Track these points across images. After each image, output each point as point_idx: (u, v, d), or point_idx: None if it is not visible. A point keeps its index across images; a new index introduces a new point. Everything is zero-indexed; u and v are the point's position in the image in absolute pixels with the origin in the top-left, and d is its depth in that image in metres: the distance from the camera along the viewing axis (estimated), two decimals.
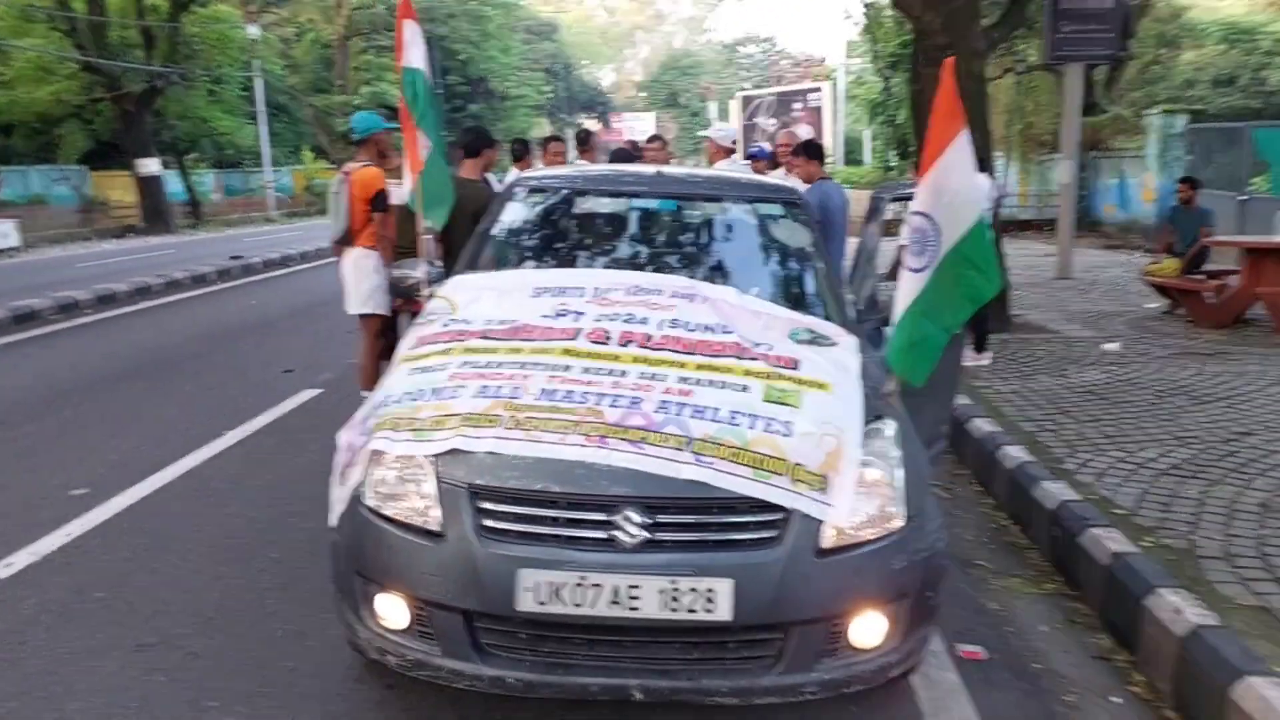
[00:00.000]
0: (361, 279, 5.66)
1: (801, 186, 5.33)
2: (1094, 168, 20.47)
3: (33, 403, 7.03)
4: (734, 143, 8.28)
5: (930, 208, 2.91)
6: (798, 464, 2.61)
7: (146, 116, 27.02)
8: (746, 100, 50.26)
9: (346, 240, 5.73)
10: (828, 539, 2.59)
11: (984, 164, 8.25)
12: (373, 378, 5.33)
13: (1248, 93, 23.15)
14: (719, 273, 3.79)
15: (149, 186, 27.10)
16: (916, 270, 2.95)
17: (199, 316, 11.29)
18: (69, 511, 4.73)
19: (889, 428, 2.90)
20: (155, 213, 27.21)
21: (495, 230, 4.05)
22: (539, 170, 4.81)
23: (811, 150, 6.67)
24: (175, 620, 3.59)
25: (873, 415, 2.90)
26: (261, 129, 32.42)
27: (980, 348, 7.66)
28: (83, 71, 26.23)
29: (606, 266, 3.79)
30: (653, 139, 9.26)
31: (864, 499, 2.67)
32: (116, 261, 17.81)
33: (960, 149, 2.83)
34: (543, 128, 54.85)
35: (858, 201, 8.81)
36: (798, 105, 46.65)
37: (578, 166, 4.70)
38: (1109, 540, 3.89)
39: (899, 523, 2.70)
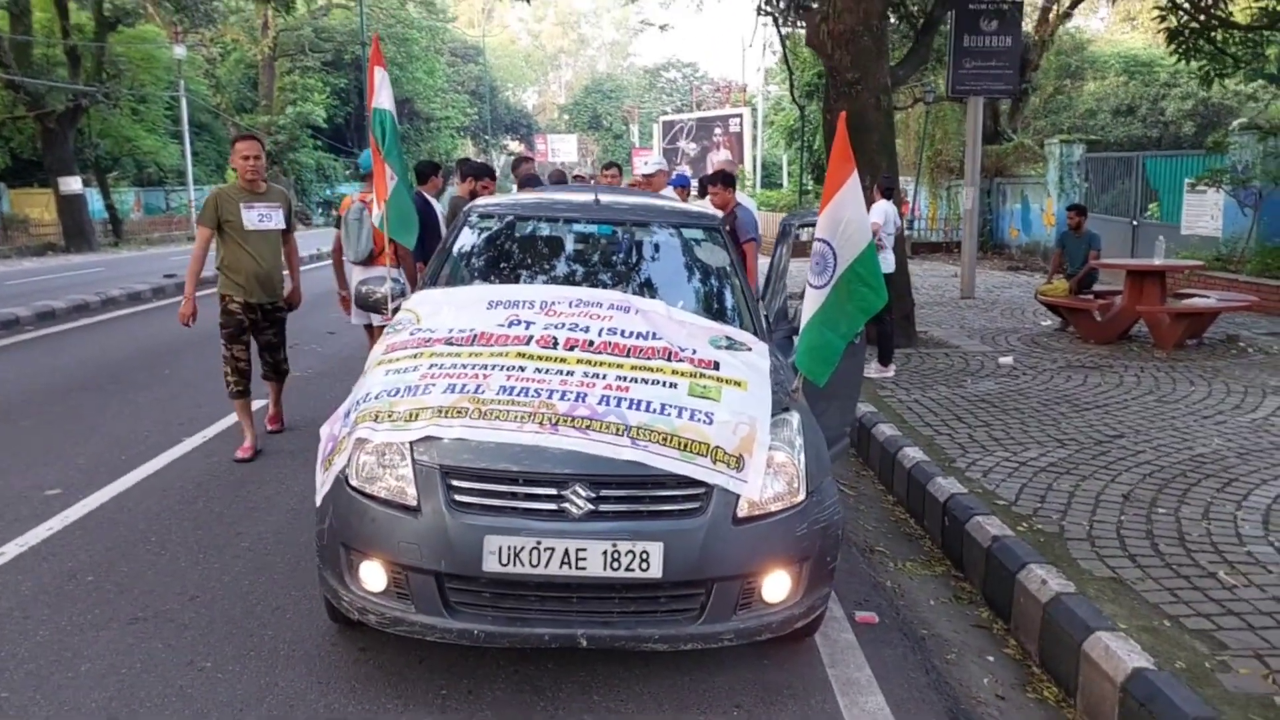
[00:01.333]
0: None
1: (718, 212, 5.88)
2: (999, 193, 21.53)
3: None
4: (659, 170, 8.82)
5: (829, 234, 3.49)
6: (718, 447, 3.13)
7: (69, 135, 26.64)
8: (668, 125, 51.16)
9: (369, 260, 6.63)
10: (742, 509, 3.11)
11: (891, 191, 8.94)
12: None
13: (1147, 122, 24.54)
14: (649, 288, 4.33)
15: (70, 205, 26.66)
16: (818, 287, 3.53)
17: (140, 332, 11.45)
18: (46, 509, 5.04)
19: (794, 419, 3.44)
20: (77, 231, 26.77)
21: (454, 250, 4.55)
22: (492, 198, 5.28)
23: (727, 180, 7.26)
24: (162, 598, 3.96)
25: (780, 408, 3.44)
26: (186, 148, 32.17)
27: (885, 361, 8.31)
28: (4, 89, 25.82)
29: (552, 283, 4.30)
30: (609, 166, 10.24)
31: (772, 477, 3.19)
32: (44, 279, 17.63)
33: (852, 187, 3.43)
34: (467, 148, 55.06)
35: (772, 223, 9.34)
36: (718, 130, 47.69)
37: (519, 195, 5.17)
38: (989, 526, 4.44)
39: (801, 497, 3.23)
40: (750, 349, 3.83)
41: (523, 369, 3.37)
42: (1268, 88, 22.12)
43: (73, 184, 26.54)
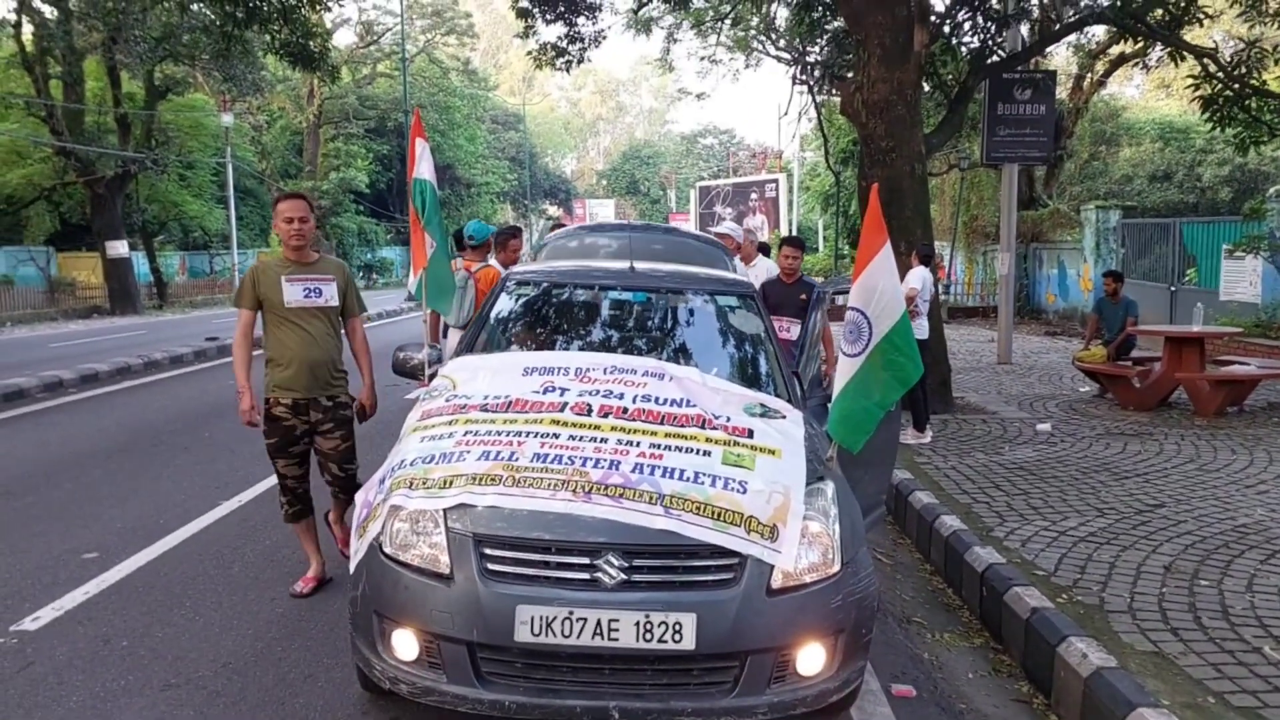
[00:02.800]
0: None
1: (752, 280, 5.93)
2: (1035, 258, 21.46)
3: (33, 475, 7.35)
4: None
5: (863, 303, 3.52)
6: (752, 516, 3.11)
7: (118, 200, 27.39)
8: (704, 190, 51.68)
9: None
10: (777, 580, 3.08)
11: (928, 258, 8.95)
12: None
13: (1183, 188, 24.40)
14: (683, 355, 4.37)
15: (117, 268, 27.31)
16: (852, 355, 3.54)
17: (181, 395, 11.65)
18: (83, 573, 5.10)
19: (829, 488, 3.42)
20: (122, 294, 27.38)
21: (491, 317, 4.62)
22: (528, 266, 5.37)
23: (800, 244, 7.36)
24: (195, 665, 3.97)
25: (815, 477, 3.43)
26: (231, 213, 32.98)
27: (920, 427, 8.24)
28: (56, 155, 26.68)
29: (587, 350, 4.35)
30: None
31: (807, 547, 3.17)
32: (90, 342, 18.03)
33: (884, 257, 3.46)
34: (506, 214, 55.95)
35: None
36: (754, 195, 48.11)
37: (557, 263, 5.23)
38: (1029, 597, 4.35)
39: (836, 568, 3.20)
40: (784, 416, 3.84)
41: (557, 436, 3.39)
42: None
43: (120, 248, 27.21)
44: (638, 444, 3.37)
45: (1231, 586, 4.60)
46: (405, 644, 3.09)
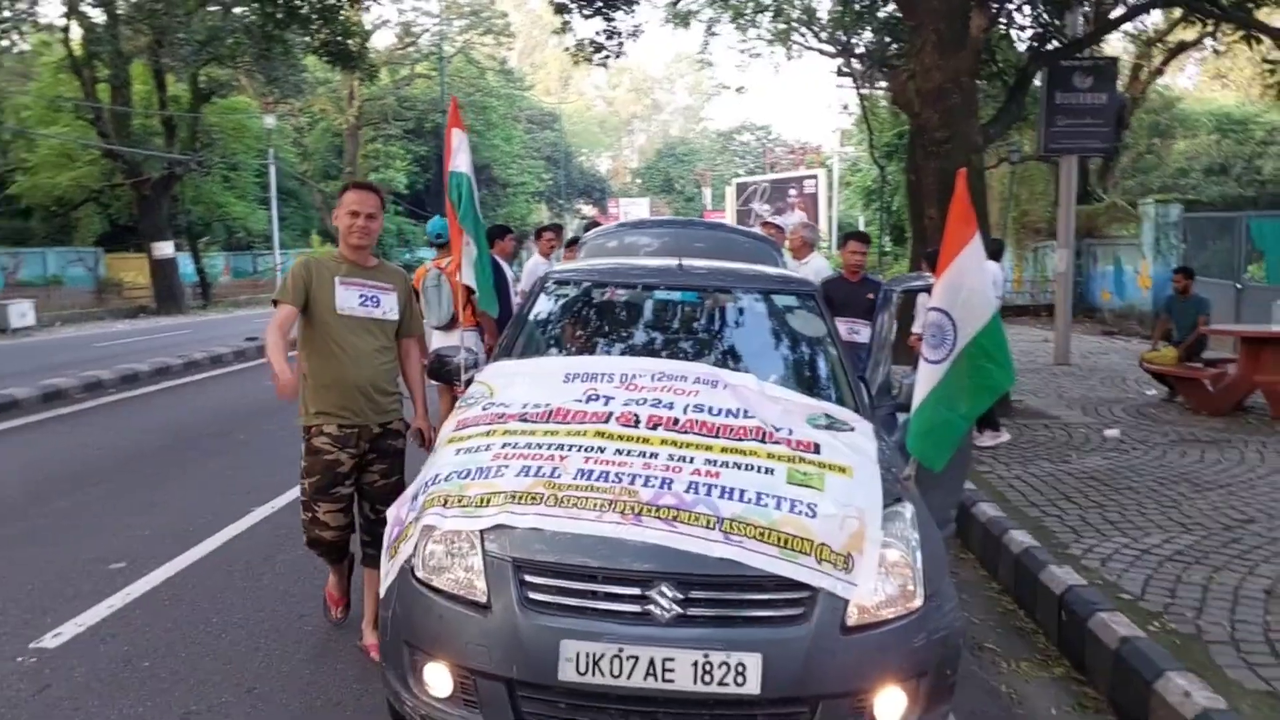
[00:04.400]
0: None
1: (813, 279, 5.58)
2: (1089, 255, 20.81)
3: (65, 479, 7.19)
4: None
5: (947, 304, 3.14)
6: (823, 544, 2.77)
7: (163, 201, 27.64)
8: (741, 187, 51.13)
9: (450, 325, 6.45)
10: (852, 617, 2.74)
11: (995, 255, 8.55)
12: None
13: (1241, 181, 23.63)
14: (738, 360, 4.01)
15: (163, 268, 27.58)
16: (934, 361, 3.17)
17: (219, 396, 11.53)
18: (110, 585, 4.88)
19: (907, 510, 3.07)
20: (168, 294, 27.65)
21: (530, 319, 4.30)
22: (568, 264, 5.09)
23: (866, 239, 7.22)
24: (218, 690, 3.72)
25: (891, 498, 3.07)
26: (273, 214, 33.14)
27: (995, 426, 7.86)
28: (104, 158, 26.96)
29: (632, 354, 4.02)
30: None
31: (885, 579, 2.82)
32: (133, 341, 18.06)
33: (974, 251, 3.09)
34: (541, 213, 55.82)
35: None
36: (793, 192, 47.50)
37: (601, 261, 4.94)
38: (1116, 624, 3.98)
39: (918, 602, 2.84)
40: (853, 428, 3.48)
41: (602, 450, 3.07)
42: None
43: (165, 249, 27.46)
44: (691, 460, 3.03)
45: None
46: (438, 679, 2.79)
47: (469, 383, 3.95)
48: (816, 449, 3.20)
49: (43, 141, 27.53)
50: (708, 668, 2.60)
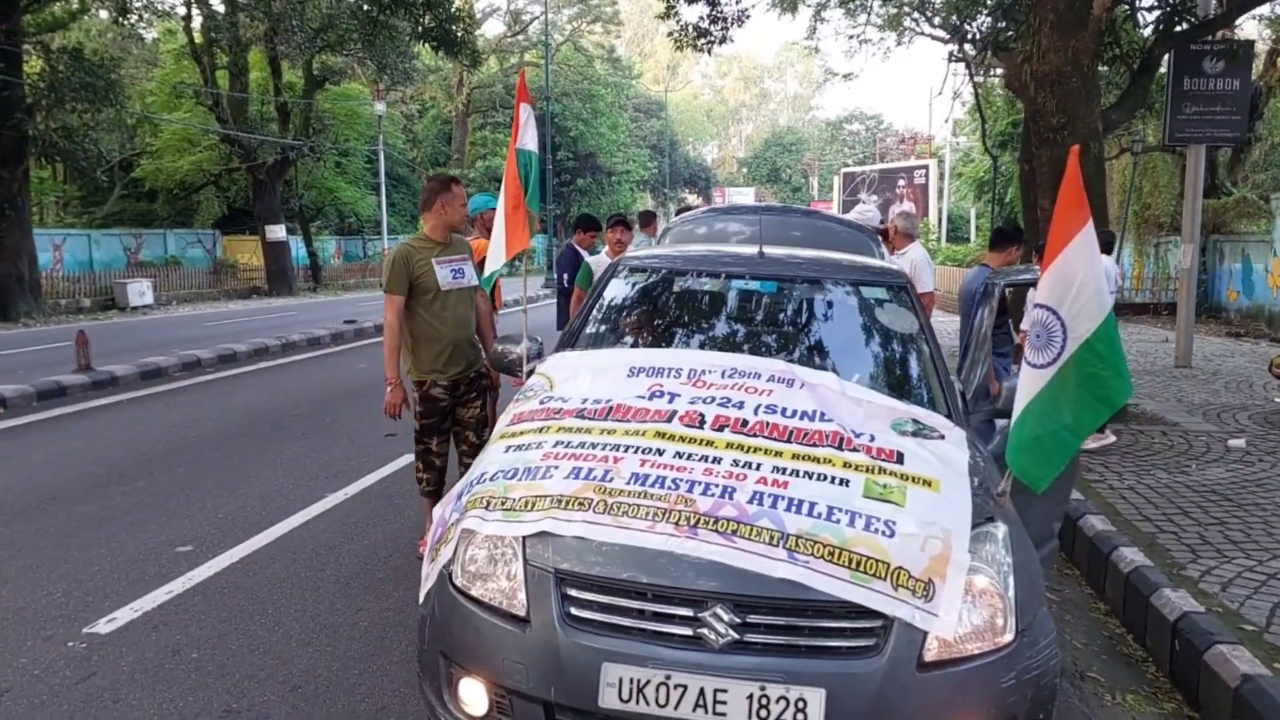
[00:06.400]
0: None
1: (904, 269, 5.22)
2: (1215, 251, 19.67)
3: (150, 457, 7.30)
4: (881, 222, 8.09)
5: (1055, 300, 2.76)
6: (900, 568, 2.48)
7: (277, 185, 28.48)
8: (849, 177, 50.21)
9: None
10: (931, 651, 2.44)
11: (1107, 248, 8.01)
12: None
13: None
14: (819, 357, 3.70)
15: (275, 251, 28.44)
16: (1039, 366, 2.79)
17: (311, 378, 11.65)
18: (173, 569, 4.86)
19: (1000, 531, 2.74)
20: (279, 276, 28.51)
21: (596, 309, 4.07)
22: (642, 250, 4.84)
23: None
24: (263, 687, 3.62)
25: (983, 517, 2.75)
26: (381, 200, 33.83)
27: (1101, 428, 7.35)
28: (222, 143, 27.91)
29: (704, 348, 3.74)
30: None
31: (971, 609, 2.51)
32: (241, 321, 18.58)
33: (1086, 239, 2.70)
34: (646, 201, 55.74)
35: (954, 279, 8.36)
36: (901, 182, 46.39)
37: (675, 247, 4.70)
38: (1238, 660, 3.62)
39: (1009, 636, 2.53)
40: (943, 436, 3.13)
41: (660, 452, 2.82)
42: None
43: (278, 232, 28.31)
44: (757, 467, 2.76)
45: None
46: (474, 695, 2.60)
47: (531, 374, 3.75)
48: (900, 459, 2.89)
49: (166, 126, 28.67)
50: (764, 701, 2.34)
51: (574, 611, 2.50)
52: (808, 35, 22.95)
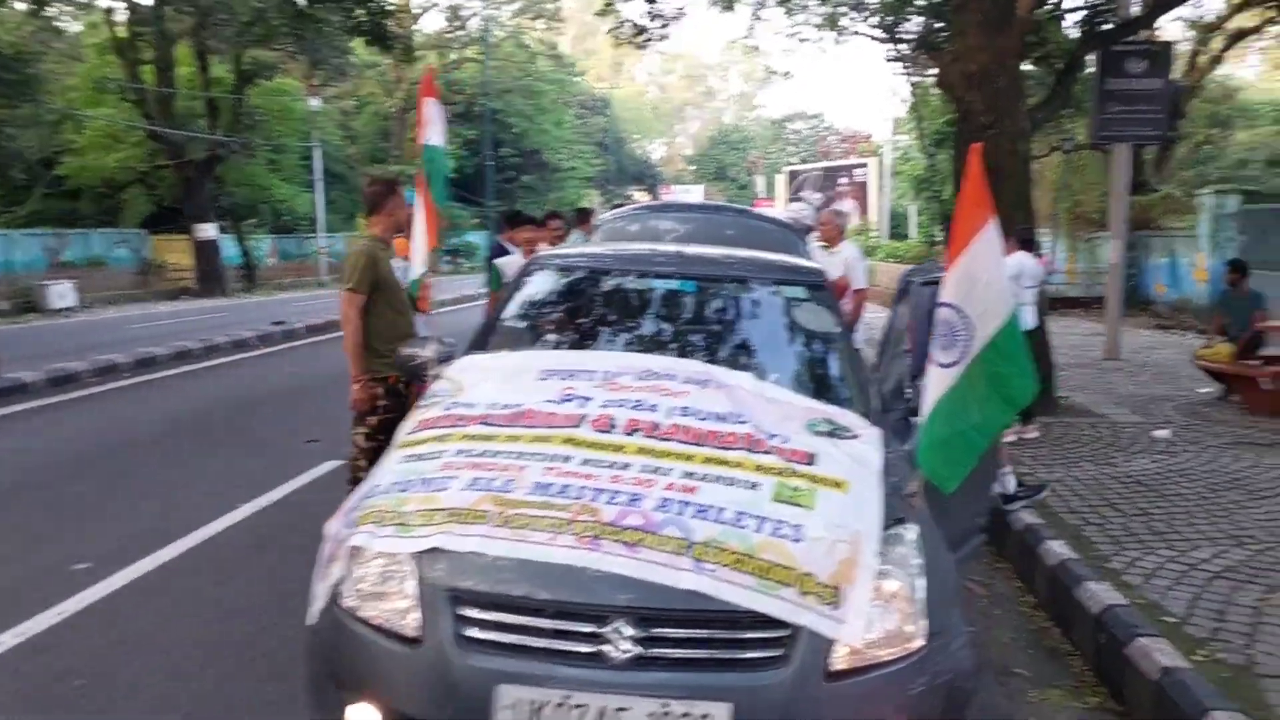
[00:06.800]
0: None
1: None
2: (1144, 246, 20.09)
3: (58, 467, 7.00)
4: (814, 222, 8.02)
5: (960, 298, 2.71)
6: (807, 573, 2.40)
7: (206, 183, 27.79)
8: (792, 175, 50.53)
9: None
10: (839, 659, 2.37)
11: (1029, 243, 8.06)
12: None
13: None
14: (737, 357, 3.61)
15: (205, 250, 27.75)
16: (945, 365, 2.74)
17: (234, 382, 11.29)
18: (67, 588, 4.59)
19: (910, 532, 2.68)
20: (210, 276, 27.82)
21: (509, 309, 3.94)
22: (560, 248, 4.74)
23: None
24: (155, 716, 3.42)
25: (893, 518, 2.69)
26: (318, 197, 33.21)
27: (1026, 419, 7.40)
28: (149, 139, 27.15)
29: (620, 349, 3.64)
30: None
31: (880, 614, 2.44)
32: (168, 324, 18.02)
33: (988, 239, 2.65)
34: (593, 198, 55.56)
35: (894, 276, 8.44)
36: (843, 180, 46.81)
37: (595, 245, 4.61)
38: (1159, 653, 3.63)
39: (920, 641, 2.46)
40: (858, 436, 3.07)
41: (567, 459, 2.71)
42: None
43: (207, 230, 27.63)
44: (667, 472, 2.67)
45: None
46: None
47: (436, 378, 3.61)
48: (811, 460, 2.82)
49: (89, 123, 27.80)
50: (667, 718, 2.25)
51: (469, 632, 2.38)
52: (746, 33, 22.97)
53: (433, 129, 3.95)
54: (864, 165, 46.42)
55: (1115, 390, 10.04)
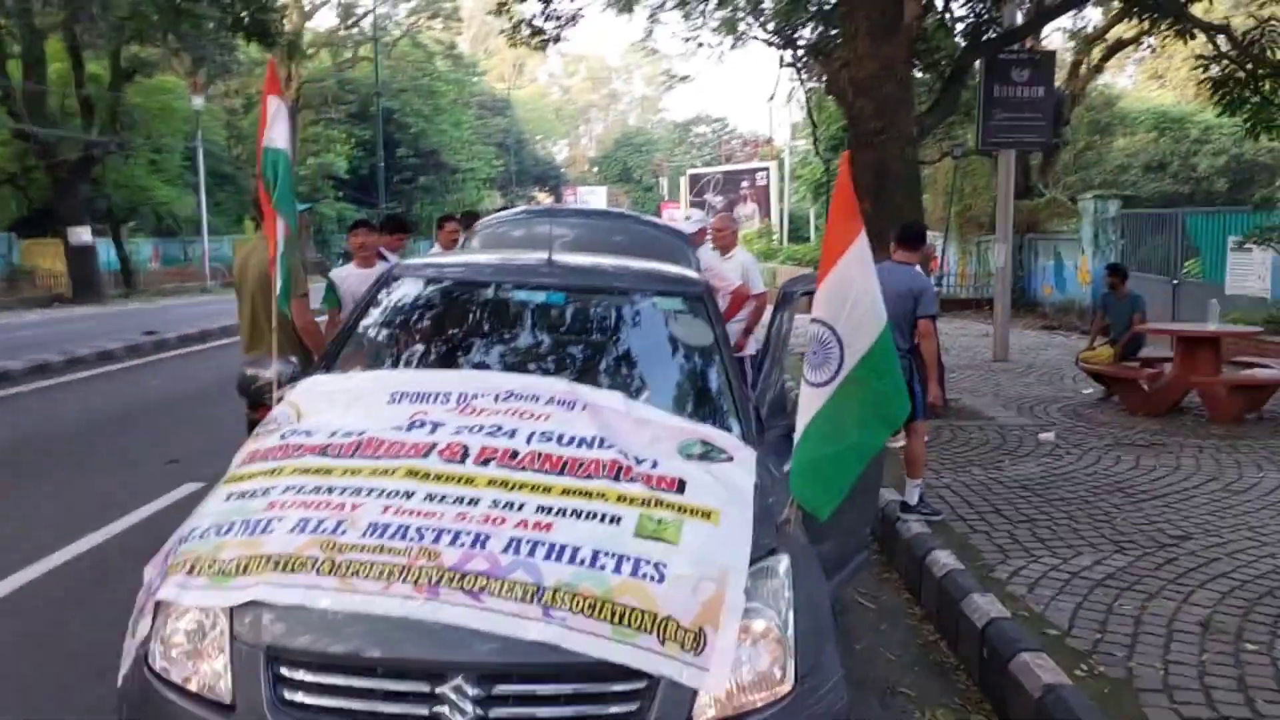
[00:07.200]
0: None
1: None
2: (1031, 249, 20.69)
3: None
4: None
5: (831, 315, 2.55)
6: (668, 617, 2.20)
7: (81, 185, 26.37)
8: (695, 178, 50.86)
9: None
10: (703, 710, 2.18)
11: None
12: None
13: (1178, 178, 23.80)
14: (607, 375, 3.40)
15: (79, 255, 26.31)
16: (817, 384, 2.57)
17: (94, 398, 10.57)
18: None
19: (781, 564, 2.51)
20: (85, 282, 26.38)
21: (362, 324, 3.62)
22: (419, 258, 4.47)
23: None
24: None
25: (764, 549, 2.51)
26: (200, 199, 31.90)
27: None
28: (16, 139, 25.63)
29: (480, 367, 3.38)
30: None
31: (748, 657, 2.27)
32: (31, 333, 16.92)
33: (859, 253, 2.50)
34: (495, 200, 54.88)
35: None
36: (745, 183, 47.30)
37: (457, 253, 4.35)
38: (1040, 669, 3.57)
39: (788, 686, 2.30)
40: (731, 458, 2.89)
41: (409, 495, 2.46)
42: None
43: (82, 234, 26.22)
44: (520, 507, 2.44)
45: None
46: None
47: (279, 402, 3.30)
48: (681, 487, 2.63)
49: None
50: None
51: (289, 695, 2.12)
52: (644, 36, 22.91)
53: (276, 129, 3.63)
54: (765, 169, 47.00)
55: (1003, 392, 10.20)
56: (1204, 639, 3.95)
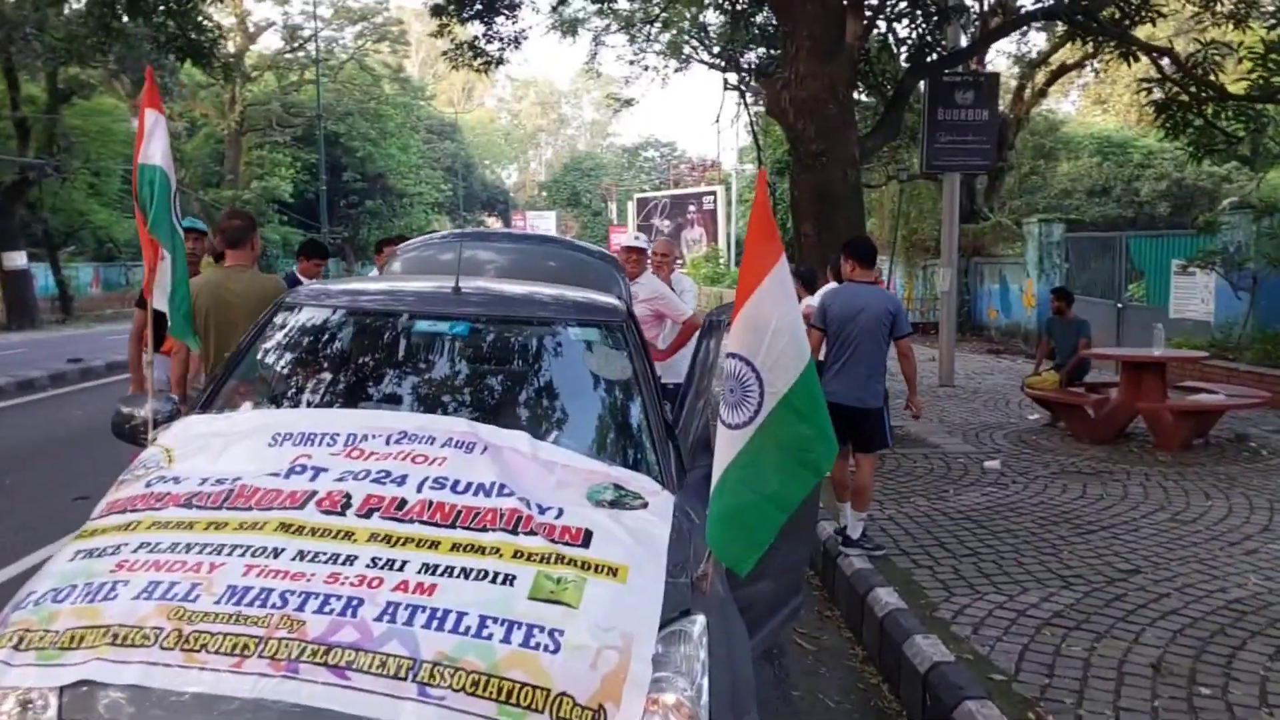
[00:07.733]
0: None
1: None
2: (976, 273, 20.79)
3: None
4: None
5: (748, 350, 2.31)
6: (563, 694, 1.94)
7: (16, 208, 25.60)
8: (642, 202, 50.87)
9: None
10: None
11: (810, 284, 7.79)
12: None
13: (1121, 202, 24.13)
14: (512, 413, 3.13)
15: (14, 280, 25.49)
16: (734, 426, 2.33)
17: (8, 429, 10.02)
18: None
19: (695, 626, 2.26)
20: (20, 307, 25.54)
21: (246, 358, 3.32)
22: (312, 285, 4.18)
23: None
24: None
25: (677, 609, 2.27)
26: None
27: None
28: None
29: (375, 405, 3.10)
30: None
31: None
32: None
33: (779, 278, 2.27)
34: (444, 224, 54.42)
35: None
36: (692, 207, 47.37)
37: (363, 279, 4.09)
38: (985, 718, 3.38)
39: None
40: (646, 503, 2.65)
41: (277, 553, 2.18)
42: (1241, 169, 21.69)
43: (17, 259, 25.41)
44: (401, 566, 2.17)
45: (1241, 695, 3.68)
46: None
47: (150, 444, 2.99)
48: (586, 540, 2.37)
49: None
50: None
51: None
52: (589, 59, 22.76)
53: (153, 144, 3.33)
54: (713, 193, 47.11)
55: (949, 418, 10.08)
56: (1155, 683, 3.79)
